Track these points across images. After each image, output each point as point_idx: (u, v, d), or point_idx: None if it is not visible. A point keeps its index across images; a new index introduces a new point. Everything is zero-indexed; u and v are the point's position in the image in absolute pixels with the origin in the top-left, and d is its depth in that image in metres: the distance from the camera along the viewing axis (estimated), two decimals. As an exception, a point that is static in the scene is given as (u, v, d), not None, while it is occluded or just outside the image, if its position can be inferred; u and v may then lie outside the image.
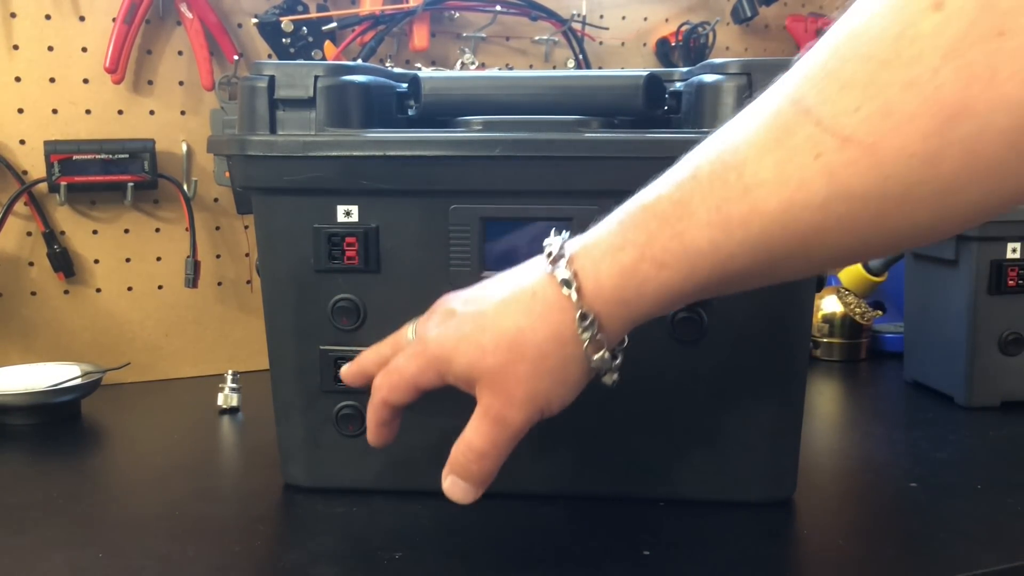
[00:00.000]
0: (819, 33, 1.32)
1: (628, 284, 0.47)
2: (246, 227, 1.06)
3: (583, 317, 0.48)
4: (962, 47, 0.36)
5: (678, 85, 0.69)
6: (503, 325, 0.50)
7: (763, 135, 0.42)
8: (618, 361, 0.51)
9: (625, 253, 0.47)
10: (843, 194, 0.40)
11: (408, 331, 0.57)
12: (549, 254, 0.49)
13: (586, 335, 0.48)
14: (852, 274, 1.14)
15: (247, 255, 1.07)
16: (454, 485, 0.53)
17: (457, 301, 0.53)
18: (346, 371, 0.60)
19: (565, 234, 0.51)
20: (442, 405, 0.66)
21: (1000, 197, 0.39)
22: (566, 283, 0.48)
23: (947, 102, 0.36)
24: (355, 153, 0.62)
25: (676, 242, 0.45)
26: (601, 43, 1.22)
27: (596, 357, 0.49)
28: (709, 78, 0.63)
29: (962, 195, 0.39)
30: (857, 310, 1.12)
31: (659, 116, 0.68)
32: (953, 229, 0.42)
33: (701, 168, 0.44)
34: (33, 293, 0.99)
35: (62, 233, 0.99)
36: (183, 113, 1.03)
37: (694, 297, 0.47)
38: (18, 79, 0.96)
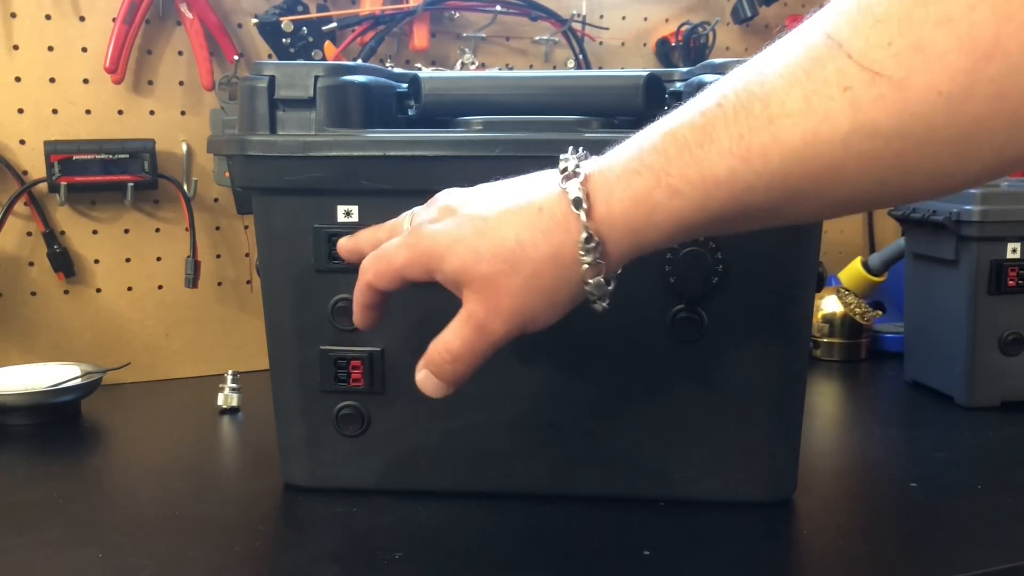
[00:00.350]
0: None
1: (639, 211, 0.46)
2: (246, 227, 1.06)
3: (588, 240, 0.47)
4: None
5: (678, 85, 0.69)
6: (503, 234, 0.48)
7: (793, 67, 0.41)
8: (611, 287, 0.49)
9: (640, 177, 0.45)
10: (867, 130, 0.40)
11: (405, 220, 0.55)
12: (564, 170, 0.48)
13: (588, 258, 0.47)
14: (852, 274, 1.14)
15: (247, 255, 1.07)
16: (427, 379, 0.53)
17: (459, 199, 0.52)
18: (342, 243, 0.59)
19: (582, 151, 0.49)
20: (442, 406, 0.66)
21: (1020, 148, 0.39)
22: (577, 202, 0.46)
23: (980, 40, 0.36)
24: (355, 153, 0.62)
25: (694, 169, 0.44)
26: (601, 43, 1.22)
27: (592, 281, 0.48)
28: (709, 78, 0.63)
29: (985, 141, 0.39)
30: (857, 310, 1.12)
31: (659, 116, 0.68)
32: (970, 180, 0.42)
33: (727, 97, 0.43)
34: (33, 293, 0.99)
35: (62, 233, 0.99)
36: (183, 113, 1.03)
37: (702, 231, 0.47)
38: (18, 79, 0.96)
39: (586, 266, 0.47)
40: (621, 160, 0.47)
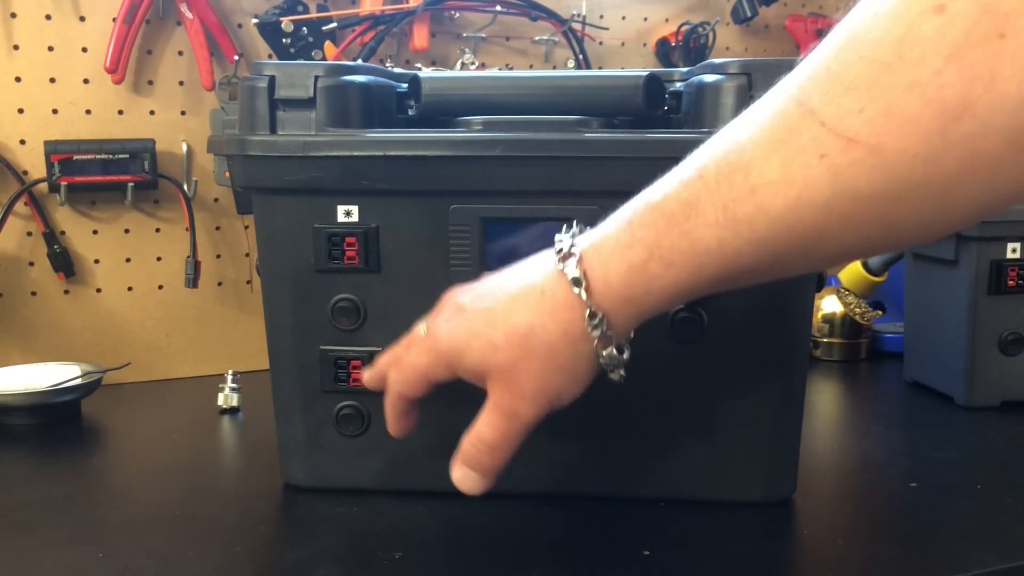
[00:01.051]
0: (819, 33, 1.32)
1: (636, 282, 0.47)
2: (246, 227, 1.06)
3: (592, 315, 0.49)
4: (963, 49, 0.36)
5: (678, 85, 0.69)
6: (513, 321, 0.50)
7: (769, 136, 0.42)
8: (625, 356, 0.51)
9: (634, 252, 0.47)
10: (848, 193, 0.40)
11: (420, 328, 0.57)
12: (559, 251, 0.50)
13: (595, 332, 0.49)
14: (852, 274, 1.14)
15: (247, 255, 1.07)
16: (465, 476, 0.54)
17: (466, 296, 0.54)
18: (367, 377, 0.61)
19: (575, 229, 0.51)
20: (441, 404, 0.66)
21: (999, 194, 0.40)
22: (576, 282, 0.49)
23: (949, 103, 0.37)
24: (355, 153, 0.62)
25: (684, 241, 0.45)
26: (601, 43, 1.22)
27: (605, 353, 0.50)
28: (709, 78, 0.63)
29: (963, 193, 0.39)
30: (857, 310, 1.12)
31: (659, 116, 0.68)
32: (954, 226, 0.43)
33: (707, 168, 0.45)
34: (33, 293, 0.99)
35: (62, 233, 0.99)
36: (183, 113, 1.03)
37: (700, 293, 0.48)
38: (18, 79, 0.96)
39: (596, 340, 0.50)
40: (612, 234, 0.49)
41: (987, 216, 0.43)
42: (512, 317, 0.51)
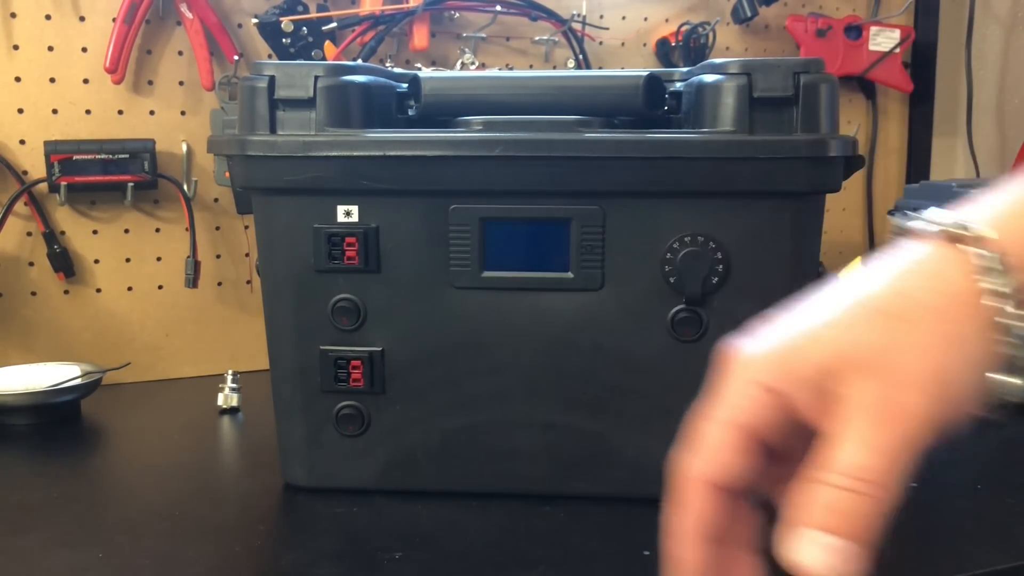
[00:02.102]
0: (819, 33, 1.32)
1: None
2: (246, 227, 1.06)
3: (983, 256, 0.33)
4: None
5: (678, 85, 0.69)
6: (873, 297, 0.35)
7: None
8: None
9: None
10: None
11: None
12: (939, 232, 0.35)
13: (994, 282, 0.33)
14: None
15: (247, 255, 1.07)
16: (826, 549, 0.32)
17: (775, 322, 0.37)
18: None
19: (935, 214, 0.36)
20: (442, 406, 0.66)
21: None
22: (1004, 296, 0.33)
23: None
24: (355, 153, 0.62)
25: None
26: (601, 43, 1.22)
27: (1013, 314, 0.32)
28: (709, 78, 0.63)
29: None
30: (857, 310, 1.12)
31: (659, 116, 0.68)
32: None
33: None
34: (33, 293, 0.99)
35: (62, 233, 0.99)
36: (183, 113, 1.03)
37: None
38: (18, 79, 0.96)
39: (996, 296, 0.33)
40: (1009, 208, 0.35)
41: None
42: (865, 301, 0.34)
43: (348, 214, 0.64)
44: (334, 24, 1.05)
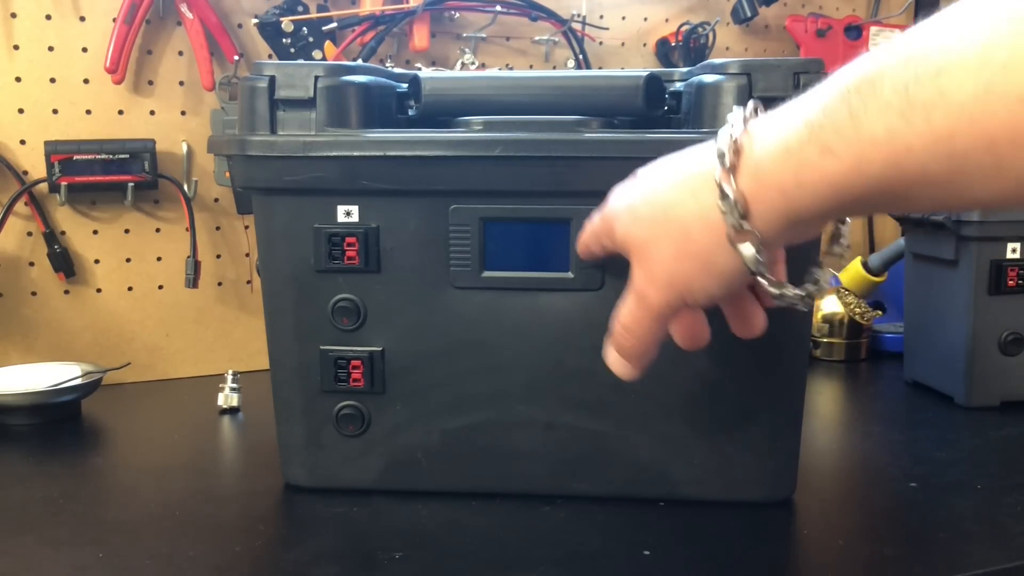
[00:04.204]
0: (819, 34, 1.32)
1: (787, 167, 0.42)
2: (246, 227, 1.06)
3: (724, 195, 0.44)
4: None
5: (678, 85, 0.69)
6: (658, 196, 0.48)
7: (972, 23, 0.36)
8: (762, 259, 0.45)
9: (793, 130, 0.42)
10: None
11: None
12: (727, 125, 0.45)
13: (730, 219, 0.44)
14: (852, 274, 1.14)
15: (247, 255, 1.07)
16: (615, 361, 0.54)
17: (650, 166, 0.51)
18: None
19: (756, 105, 0.46)
20: (442, 406, 0.66)
21: None
22: (720, 156, 0.44)
23: None
24: (355, 153, 0.62)
25: (849, 125, 0.39)
26: (601, 43, 1.22)
27: (743, 247, 0.45)
28: (709, 78, 0.63)
29: None
30: (857, 310, 1.12)
31: (659, 116, 0.68)
32: None
33: (898, 46, 0.39)
34: (33, 293, 0.99)
35: (62, 233, 0.99)
36: (183, 113, 1.03)
37: (855, 203, 0.42)
38: (18, 79, 0.96)
39: (729, 226, 0.45)
40: (783, 112, 0.44)
41: None
42: (661, 193, 0.48)
43: (348, 214, 0.64)
44: (334, 24, 1.05)
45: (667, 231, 0.47)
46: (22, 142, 0.97)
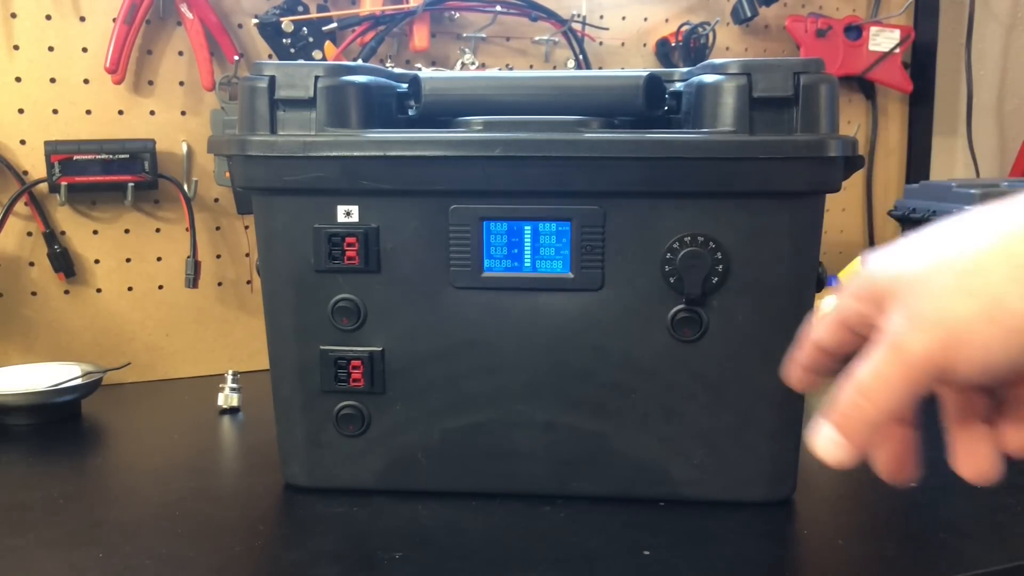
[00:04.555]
0: (819, 34, 1.32)
1: None
2: (246, 227, 1.06)
3: None
4: None
5: (678, 85, 0.69)
6: (940, 232, 0.37)
7: None
8: None
9: None
10: None
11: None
12: None
13: None
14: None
15: (247, 255, 1.07)
16: (826, 440, 0.39)
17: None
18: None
19: None
20: (442, 406, 0.66)
21: None
22: None
23: None
24: (355, 153, 0.62)
25: None
26: (601, 43, 1.22)
27: None
28: (709, 78, 0.63)
29: None
30: (857, 310, 1.12)
31: (659, 116, 0.68)
32: None
33: None
34: (33, 293, 0.99)
35: (62, 233, 0.99)
36: (183, 113, 1.03)
37: None
38: (18, 79, 0.96)
39: None
40: None
41: None
42: (938, 231, 0.37)
43: (348, 214, 0.64)
44: (334, 24, 1.05)
45: (948, 260, 0.35)
46: (22, 142, 0.97)
